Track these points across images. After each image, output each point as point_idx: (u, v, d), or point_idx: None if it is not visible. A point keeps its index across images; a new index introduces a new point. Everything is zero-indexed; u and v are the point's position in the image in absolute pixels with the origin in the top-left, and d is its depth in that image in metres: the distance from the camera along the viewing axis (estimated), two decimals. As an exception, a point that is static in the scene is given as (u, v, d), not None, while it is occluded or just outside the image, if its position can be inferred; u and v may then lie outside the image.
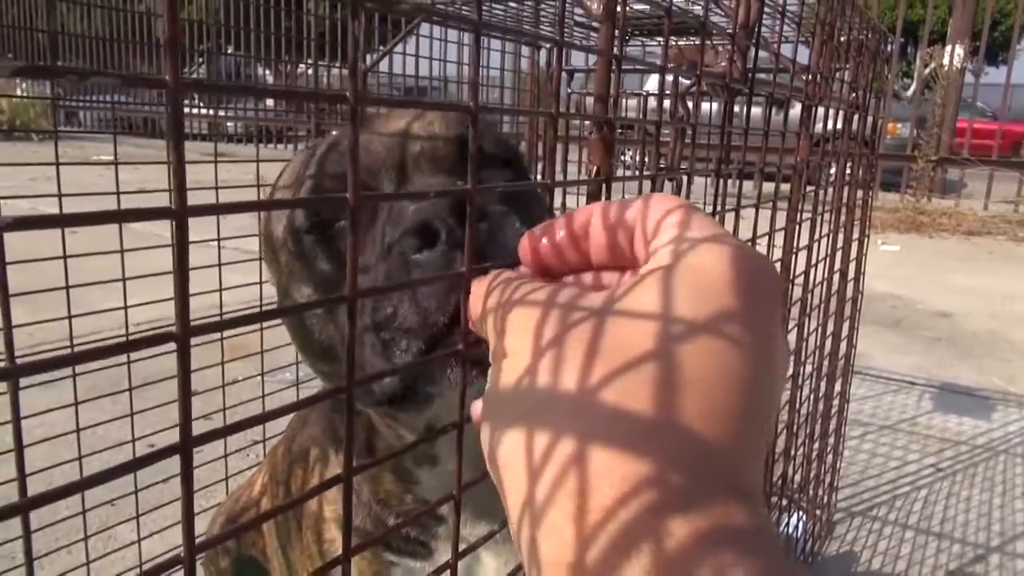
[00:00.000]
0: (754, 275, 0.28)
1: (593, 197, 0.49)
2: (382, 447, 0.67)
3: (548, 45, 1.64)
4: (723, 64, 0.73)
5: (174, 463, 0.24)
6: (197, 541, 0.25)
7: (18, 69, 0.18)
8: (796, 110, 1.04)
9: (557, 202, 1.08)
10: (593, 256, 0.35)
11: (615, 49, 0.47)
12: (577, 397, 0.26)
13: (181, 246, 0.21)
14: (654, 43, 1.73)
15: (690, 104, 0.70)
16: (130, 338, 1.21)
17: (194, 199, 0.24)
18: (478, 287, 0.35)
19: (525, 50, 2.14)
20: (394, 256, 0.47)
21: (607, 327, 0.28)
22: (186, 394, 0.23)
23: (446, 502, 0.33)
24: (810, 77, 1.03)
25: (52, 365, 0.20)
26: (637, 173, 0.53)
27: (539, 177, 1.38)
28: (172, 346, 0.23)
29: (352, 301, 0.31)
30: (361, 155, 0.58)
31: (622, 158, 6.18)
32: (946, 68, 7.38)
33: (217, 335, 1.20)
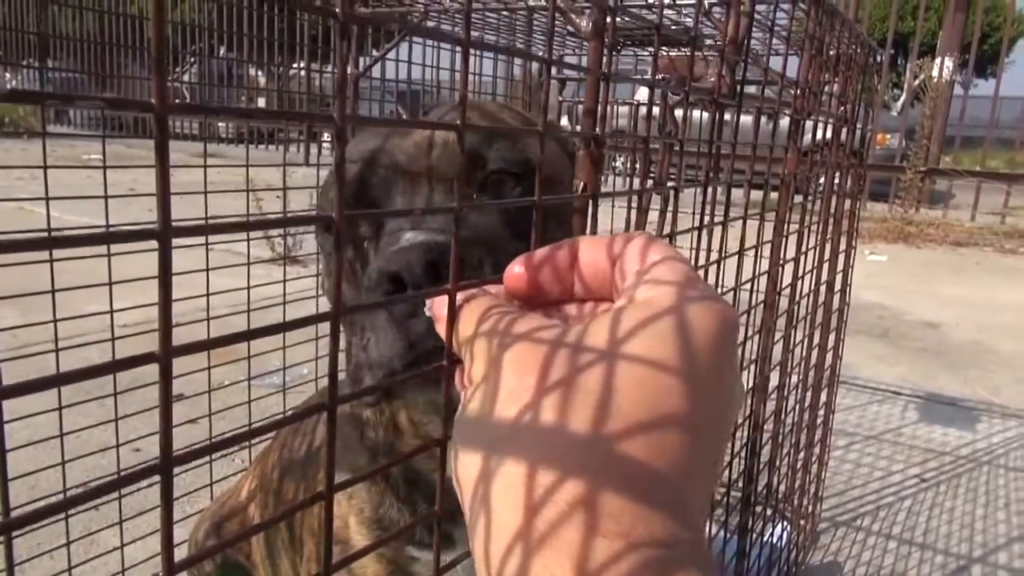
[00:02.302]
0: (731, 332, 0.31)
1: (580, 212, 0.49)
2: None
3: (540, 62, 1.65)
4: (712, 79, 0.74)
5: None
6: (177, 561, 0.25)
7: (7, 95, 0.18)
8: (785, 120, 1.04)
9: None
10: (585, 287, 0.35)
11: (604, 67, 0.48)
12: (589, 438, 0.27)
13: (165, 269, 0.21)
14: (645, 53, 1.73)
15: (678, 114, 0.70)
16: (115, 342, 1.19)
17: (183, 201, 0.24)
18: (471, 310, 0.35)
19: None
20: (374, 287, 0.50)
21: (600, 366, 0.29)
22: (167, 416, 0.23)
23: (429, 520, 0.33)
24: (799, 91, 1.03)
25: (36, 387, 0.20)
26: (627, 181, 0.54)
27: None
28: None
29: (335, 318, 0.32)
30: (383, 160, 0.59)
31: (612, 164, 6.19)
32: (935, 80, 7.43)
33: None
